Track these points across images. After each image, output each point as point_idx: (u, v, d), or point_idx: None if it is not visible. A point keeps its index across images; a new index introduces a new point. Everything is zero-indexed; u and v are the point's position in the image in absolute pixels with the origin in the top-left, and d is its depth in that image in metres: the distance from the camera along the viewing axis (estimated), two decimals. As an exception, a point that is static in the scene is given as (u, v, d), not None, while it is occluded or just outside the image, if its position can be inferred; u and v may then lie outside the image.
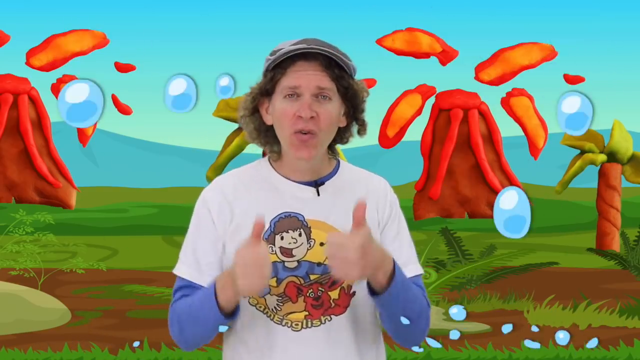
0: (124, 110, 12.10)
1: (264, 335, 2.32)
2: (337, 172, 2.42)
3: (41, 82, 12.20)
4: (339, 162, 2.45)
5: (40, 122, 12.12)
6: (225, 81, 2.43)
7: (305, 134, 2.29)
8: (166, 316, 2.41)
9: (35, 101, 12.08)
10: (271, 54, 2.33)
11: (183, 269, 2.37)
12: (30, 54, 11.91)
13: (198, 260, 2.37)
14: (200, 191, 2.44)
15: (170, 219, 17.06)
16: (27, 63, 11.90)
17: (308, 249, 2.33)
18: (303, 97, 2.29)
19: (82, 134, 12.20)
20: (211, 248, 2.37)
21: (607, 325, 8.01)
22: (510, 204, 2.31)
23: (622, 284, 10.12)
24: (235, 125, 11.88)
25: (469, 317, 8.29)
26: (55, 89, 12.12)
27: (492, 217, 12.32)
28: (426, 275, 8.54)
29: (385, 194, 2.43)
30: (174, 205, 18.77)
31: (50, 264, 9.57)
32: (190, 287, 2.35)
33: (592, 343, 7.03)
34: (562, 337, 6.64)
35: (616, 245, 12.63)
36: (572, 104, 2.29)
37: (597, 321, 8.08)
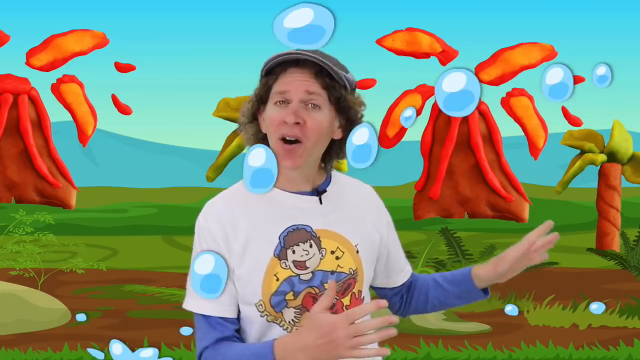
0: (124, 110, 12.10)
1: None
2: (331, 180, 2.41)
3: (41, 82, 12.21)
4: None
5: (40, 122, 12.12)
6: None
7: (290, 143, 2.26)
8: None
9: (35, 101, 12.08)
10: (267, 61, 2.32)
11: (199, 305, 2.29)
12: (30, 54, 11.91)
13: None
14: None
15: (170, 219, 17.07)
16: (27, 63, 11.90)
17: (321, 259, 2.31)
18: (292, 103, 2.27)
19: (82, 134, 12.19)
20: None
21: (607, 325, 8.00)
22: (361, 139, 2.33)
23: (622, 284, 10.12)
24: (235, 126, 11.84)
25: (469, 317, 8.28)
26: (55, 89, 12.12)
27: (492, 217, 12.35)
28: (426, 275, 8.52)
29: (378, 200, 2.48)
30: (174, 205, 18.78)
31: (50, 264, 9.57)
32: (218, 322, 2.29)
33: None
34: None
35: (616, 245, 12.63)
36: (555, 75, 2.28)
37: (597, 321, 8.07)
